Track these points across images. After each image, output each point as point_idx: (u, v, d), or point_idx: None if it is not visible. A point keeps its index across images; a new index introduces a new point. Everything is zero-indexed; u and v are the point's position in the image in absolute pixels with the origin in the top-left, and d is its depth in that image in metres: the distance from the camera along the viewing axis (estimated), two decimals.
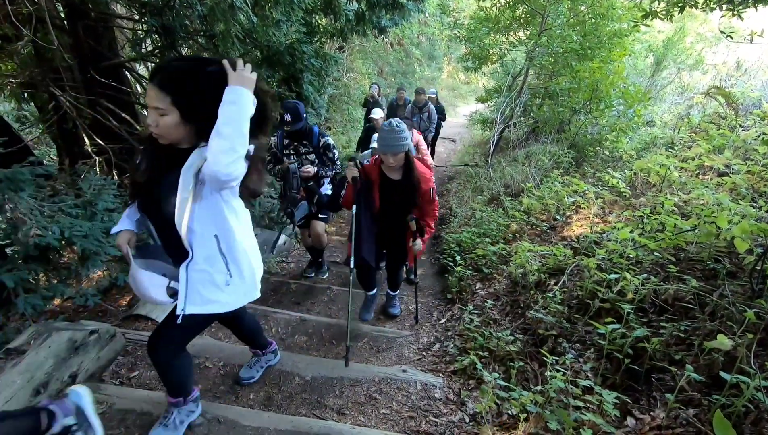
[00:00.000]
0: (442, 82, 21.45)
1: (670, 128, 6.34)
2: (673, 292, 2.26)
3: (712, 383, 1.75)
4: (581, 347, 2.33)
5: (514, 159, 7.01)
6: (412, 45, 15.40)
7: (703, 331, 1.96)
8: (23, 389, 1.82)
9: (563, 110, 7.04)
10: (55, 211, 2.79)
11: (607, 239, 3.15)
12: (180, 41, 4.39)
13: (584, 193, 4.27)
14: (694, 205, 3.09)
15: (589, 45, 7.15)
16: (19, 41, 4.46)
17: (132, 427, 1.90)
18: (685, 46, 10.09)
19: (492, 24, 8.68)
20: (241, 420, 1.97)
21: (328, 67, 5.11)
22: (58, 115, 4.59)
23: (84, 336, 2.15)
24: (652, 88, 8.61)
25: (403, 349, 2.98)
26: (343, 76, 11.73)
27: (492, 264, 3.79)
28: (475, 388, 2.41)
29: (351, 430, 1.98)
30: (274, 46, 4.24)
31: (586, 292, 2.64)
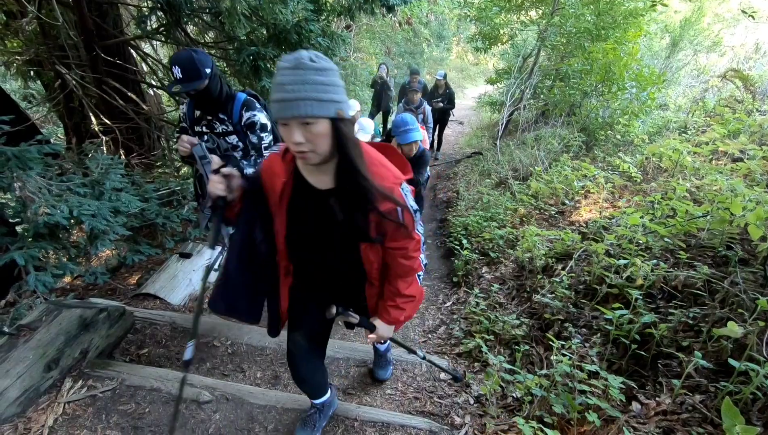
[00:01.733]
0: (450, 63, 21.05)
1: (684, 112, 6.20)
2: (683, 278, 2.24)
3: (719, 370, 1.75)
4: (587, 332, 2.33)
5: (523, 142, 6.92)
6: (421, 24, 15.07)
7: (713, 318, 1.94)
8: (35, 365, 1.85)
9: (574, 93, 6.89)
10: (63, 190, 2.80)
11: (617, 224, 3.12)
12: (185, 18, 4.32)
13: (594, 178, 4.22)
14: (707, 191, 3.03)
15: (603, 25, 6.93)
16: (24, 18, 4.42)
17: (142, 403, 1.93)
18: (703, 27, 9.77)
19: (503, 3, 8.44)
20: (248, 398, 2.00)
21: (335, 46, 5.00)
22: (64, 94, 4.58)
23: (94, 314, 2.18)
24: (667, 70, 8.38)
25: (409, 331, 3.00)
26: (351, 56, 11.55)
27: (499, 248, 3.78)
28: (480, 370, 2.43)
29: (357, 409, 2.01)
30: (281, 24, 4.15)
31: (593, 278, 2.62)
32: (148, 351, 2.38)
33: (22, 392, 1.80)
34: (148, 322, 2.56)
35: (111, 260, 3.95)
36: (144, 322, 2.56)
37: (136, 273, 3.65)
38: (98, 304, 2.29)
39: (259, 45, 4.22)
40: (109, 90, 4.45)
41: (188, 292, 3.03)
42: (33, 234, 2.50)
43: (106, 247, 2.98)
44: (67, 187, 2.85)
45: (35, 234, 2.50)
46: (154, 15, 4.71)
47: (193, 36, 5.58)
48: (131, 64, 4.93)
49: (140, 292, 2.94)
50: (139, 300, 2.90)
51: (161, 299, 2.88)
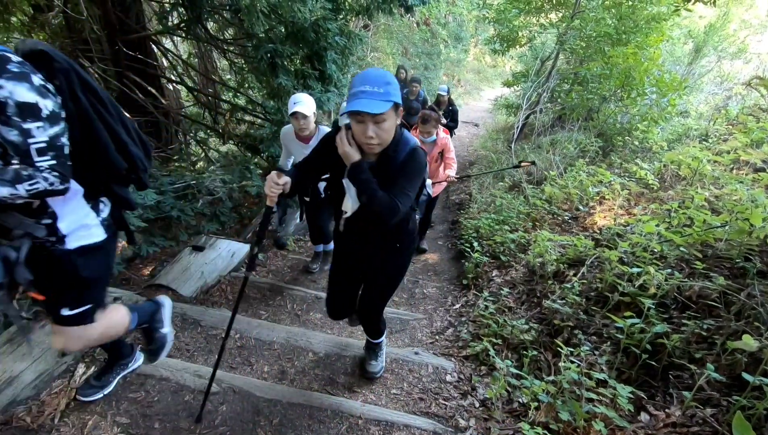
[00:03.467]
0: (467, 64, 20.96)
1: (706, 120, 6.06)
2: (698, 289, 2.19)
3: (732, 384, 1.71)
4: (597, 340, 2.30)
5: (538, 146, 6.85)
6: (439, 25, 15.02)
7: (728, 330, 1.90)
8: (51, 350, 1.90)
9: (593, 97, 6.80)
10: None
11: (631, 232, 3.07)
12: (206, 15, 4.38)
13: (610, 184, 4.15)
14: (726, 201, 2.96)
15: (625, 29, 6.82)
16: (50, 12, 4.54)
17: (152, 392, 1.97)
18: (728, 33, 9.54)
19: (523, 5, 8.37)
20: (255, 391, 2.02)
21: (352, 45, 5.02)
22: None
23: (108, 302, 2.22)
24: (689, 76, 8.21)
25: (417, 331, 2.99)
26: (368, 56, 11.56)
27: (510, 252, 3.75)
28: (486, 374, 2.41)
29: (361, 407, 2.02)
30: (299, 22, 4.19)
31: (605, 285, 2.58)
32: None
33: (36, 376, 1.85)
34: None
35: (126, 251, 4.03)
36: None
37: (150, 264, 3.71)
38: (113, 292, 2.33)
39: (277, 42, 4.26)
40: (130, 84, 4.54)
41: (200, 285, 3.08)
42: None
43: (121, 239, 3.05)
44: None
45: None
46: (176, 11, 4.80)
47: (212, 32, 5.66)
48: (152, 59, 5.02)
49: (153, 283, 2.99)
50: (152, 291, 2.95)
51: (173, 291, 2.93)
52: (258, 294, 3.19)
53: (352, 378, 2.32)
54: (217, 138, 6.24)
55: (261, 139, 4.95)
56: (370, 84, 1.41)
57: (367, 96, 1.40)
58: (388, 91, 1.42)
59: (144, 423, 1.83)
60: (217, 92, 6.46)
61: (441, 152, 3.81)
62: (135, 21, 4.71)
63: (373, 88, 1.40)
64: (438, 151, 3.78)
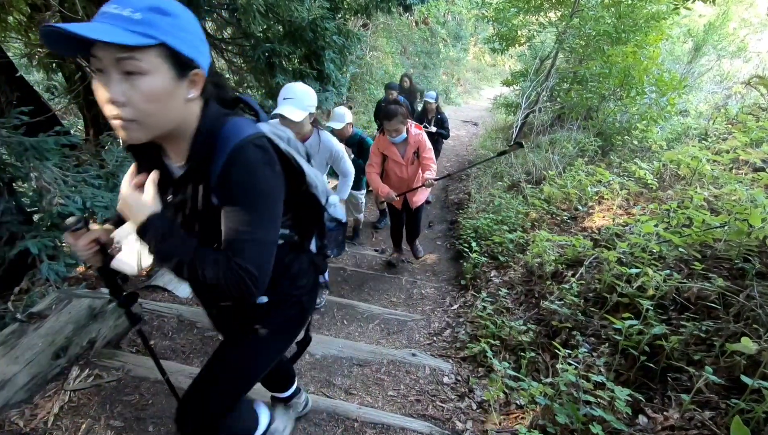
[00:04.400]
0: (467, 63, 20.93)
1: (705, 119, 6.05)
2: (696, 290, 2.18)
3: (731, 387, 1.69)
4: (596, 341, 2.28)
5: (538, 145, 6.83)
6: (438, 24, 14.98)
7: (726, 332, 1.88)
8: (44, 352, 1.89)
9: (592, 96, 6.78)
10: (79, 181, 2.85)
11: (630, 232, 3.05)
12: (204, 14, 4.36)
13: (609, 184, 4.14)
14: (726, 201, 2.95)
15: (624, 28, 6.80)
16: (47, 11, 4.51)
17: (146, 394, 1.96)
18: (728, 32, 9.52)
19: (522, 3, 8.34)
20: (250, 393, 2.00)
21: (351, 44, 5.01)
22: (83, 86, 4.66)
23: (103, 304, 2.21)
24: (689, 75, 8.19)
25: (414, 332, 2.98)
26: (367, 55, 11.53)
27: (508, 252, 3.73)
28: (484, 375, 2.40)
29: (357, 410, 2.00)
30: (297, 21, 4.17)
31: (604, 286, 2.57)
32: (154, 343, 2.41)
33: (30, 379, 1.83)
34: (156, 314, 2.60)
35: None
36: (152, 314, 2.59)
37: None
38: (107, 294, 2.32)
39: (274, 42, 4.24)
40: None
41: None
42: (47, 224, 2.55)
43: None
44: (83, 178, 2.91)
45: (50, 224, 2.55)
46: None
47: (210, 32, 5.64)
48: None
49: (149, 284, 2.97)
50: (148, 291, 2.93)
51: (169, 292, 2.91)
52: None
53: (349, 380, 2.31)
54: None
55: None
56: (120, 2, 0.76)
57: (106, 19, 0.75)
58: (150, 19, 0.76)
59: (138, 426, 1.81)
60: None
61: (416, 152, 3.33)
62: None
63: (123, 8, 0.76)
64: (413, 151, 3.31)
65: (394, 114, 3.06)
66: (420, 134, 3.27)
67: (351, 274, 3.85)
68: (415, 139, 3.26)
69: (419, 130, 3.29)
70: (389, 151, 3.33)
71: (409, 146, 3.30)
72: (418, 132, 3.27)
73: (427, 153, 3.29)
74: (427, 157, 3.30)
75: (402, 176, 3.43)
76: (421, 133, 3.29)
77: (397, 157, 3.34)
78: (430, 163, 3.30)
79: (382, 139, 3.31)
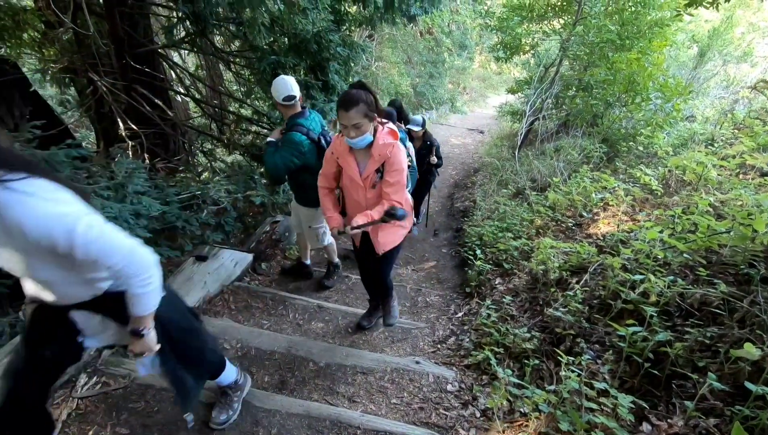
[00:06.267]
0: (473, 72, 21.03)
1: (712, 124, 6.01)
2: (700, 296, 2.16)
3: (736, 393, 1.67)
4: (600, 348, 2.27)
5: (543, 152, 6.83)
6: (443, 33, 15.12)
7: (731, 338, 1.87)
8: None
9: (597, 103, 6.78)
10: (88, 192, 2.91)
11: (635, 238, 3.04)
12: (211, 28, 4.47)
13: (614, 190, 4.13)
14: (731, 206, 2.93)
15: (628, 35, 6.82)
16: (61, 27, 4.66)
17: (152, 402, 1.98)
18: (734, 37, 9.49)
19: (525, 12, 8.41)
20: (253, 401, 2.03)
21: (355, 55, 5.08)
22: (95, 99, 4.78)
23: None
24: (694, 81, 8.16)
25: (418, 340, 2.98)
26: (372, 65, 11.67)
27: (513, 259, 3.73)
28: (488, 383, 2.39)
29: (360, 417, 2.01)
30: (301, 34, 4.25)
31: (608, 292, 2.56)
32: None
33: None
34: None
35: None
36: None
37: None
38: None
39: (280, 54, 4.32)
40: (138, 97, 4.63)
41: (202, 295, 3.10)
42: None
43: None
44: (93, 189, 2.97)
45: None
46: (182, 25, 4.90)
47: (219, 45, 5.77)
48: (159, 72, 5.12)
49: None
50: None
51: None
52: (260, 303, 3.21)
53: (353, 388, 2.32)
54: (223, 148, 6.32)
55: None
56: None
57: None
58: None
59: (143, 433, 1.84)
60: (224, 103, 6.56)
61: (381, 169, 2.15)
62: (143, 35, 4.81)
63: None
64: (375, 168, 2.14)
65: (353, 101, 1.96)
66: (392, 145, 2.10)
67: (356, 283, 3.86)
68: (381, 150, 2.09)
69: (392, 140, 2.11)
70: (345, 161, 2.21)
71: (371, 160, 2.13)
72: (390, 141, 2.10)
73: (393, 175, 2.13)
74: (392, 183, 2.14)
75: (359, 201, 2.27)
76: (394, 144, 2.11)
77: (354, 171, 2.19)
78: (393, 191, 2.15)
79: (339, 142, 2.20)
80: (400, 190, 2.18)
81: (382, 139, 2.11)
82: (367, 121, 2.02)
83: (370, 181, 2.19)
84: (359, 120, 1.98)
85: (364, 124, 2.01)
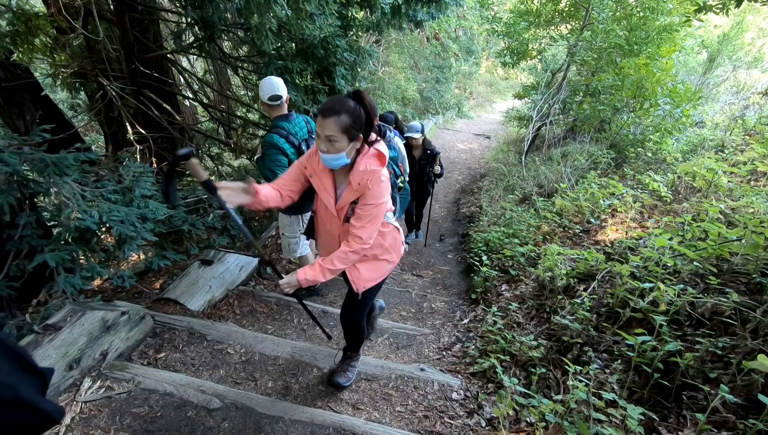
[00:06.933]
0: (479, 77, 21.03)
1: (722, 130, 5.94)
2: (711, 305, 2.12)
3: (749, 406, 1.63)
4: (608, 358, 2.23)
5: (550, 158, 6.79)
6: (449, 39, 15.13)
7: (743, 349, 1.83)
8: (58, 363, 1.93)
9: (604, 108, 6.73)
10: (96, 196, 2.93)
11: (644, 246, 3.00)
12: (219, 34, 4.50)
13: (622, 196, 4.08)
14: (743, 214, 2.88)
15: (636, 40, 6.78)
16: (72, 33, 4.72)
17: (155, 407, 1.98)
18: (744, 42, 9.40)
19: (533, 18, 8.40)
20: (257, 407, 2.01)
21: (362, 60, 5.10)
22: (104, 104, 4.84)
23: (115, 316, 2.26)
24: (704, 86, 8.08)
25: (423, 347, 2.95)
26: (379, 70, 11.70)
27: (519, 265, 3.69)
28: (493, 392, 2.36)
29: (364, 425, 1.99)
30: (308, 39, 4.27)
31: (616, 300, 2.52)
32: (165, 355, 2.44)
33: None
34: (167, 327, 2.63)
35: (138, 264, 4.09)
36: (163, 327, 2.63)
37: (162, 277, 3.77)
38: (120, 306, 2.36)
39: (287, 59, 4.34)
40: (146, 101, 4.68)
41: (207, 299, 3.10)
42: (65, 237, 2.63)
43: (133, 252, 3.10)
44: (100, 193, 2.99)
45: (67, 237, 2.63)
46: (191, 30, 4.95)
47: (227, 50, 5.81)
48: (168, 77, 5.17)
49: (161, 297, 3.02)
50: (160, 304, 2.98)
51: (181, 305, 2.95)
52: (265, 308, 3.20)
53: (357, 395, 2.30)
54: (230, 152, 6.35)
55: None
56: None
57: None
58: None
59: None
60: (231, 108, 6.61)
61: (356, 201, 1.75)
62: (152, 41, 4.87)
63: None
64: (352, 199, 1.75)
65: (334, 109, 1.57)
66: (374, 173, 1.67)
67: None
68: (362, 178, 1.68)
69: (376, 166, 1.68)
70: (320, 182, 1.81)
71: (348, 187, 1.73)
72: (373, 168, 1.68)
73: (367, 210, 1.72)
74: (363, 217, 1.73)
75: (332, 233, 1.91)
76: (376, 171, 1.68)
77: (329, 198, 1.80)
78: (360, 227, 1.74)
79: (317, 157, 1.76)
80: (370, 226, 1.76)
81: (364, 164, 1.67)
82: (346, 139, 1.60)
83: (344, 211, 1.79)
84: (334, 133, 1.58)
85: (339, 141, 1.60)
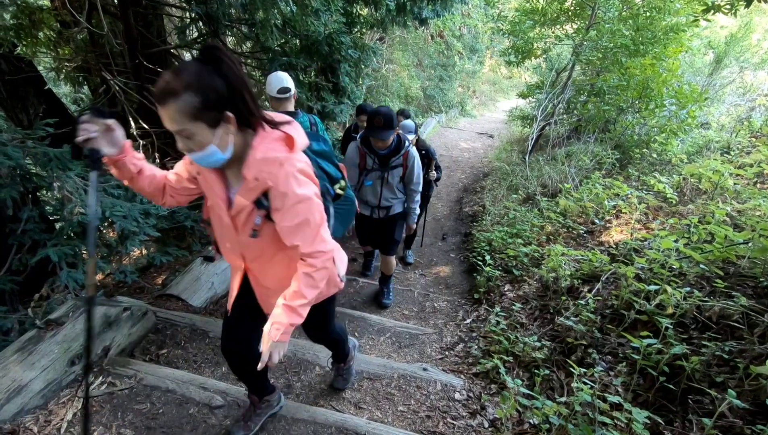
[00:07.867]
0: (483, 75, 20.94)
1: (728, 132, 5.91)
2: (718, 309, 2.10)
3: (757, 411, 1.62)
4: (612, 360, 2.22)
5: (554, 158, 6.77)
6: (454, 37, 15.06)
7: (751, 353, 1.81)
8: (59, 359, 1.93)
9: (609, 108, 6.70)
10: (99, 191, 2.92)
11: (649, 247, 2.98)
12: (223, 29, 4.48)
13: (627, 197, 4.06)
14: (749, 216, 2.86)
15: (642, 40, 6.73)
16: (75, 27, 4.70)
17: (157, 403, 1.97)
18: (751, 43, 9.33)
19: (538, 16, 8.34)
20: None
21: (366, 58, 5.07)
22: (107, 98, 4.82)
23: (118, 312, 2.25)
24: (710, 87, 8.04)
25: (426, 346, 2.94)
26: (383, 68, 11.65)
27: (523, 266, 3.68)
28: (496, 392, 2.35)
29: (366, 425, 1.98)
30: (313, 35, 4.25)
31: (621, 302, 2.50)
32: (167, 352, 2.43)
33: (45, 385, 1.87)
34: (170, 323, 2.62)
35: (141, 260, 4.09)
36: (165, 323, 2.62)
37: (164, 273, 3.76)
38: (122, 302, 2.36)
39: (291, 55, 4.32)
40: (150, 96, 4.65)
41: (210, 295, 3.09)
42: (68, 232, 2.62)
43: (135, 247, 3.09)
44: (104, 188, 2.98)
45: (70, 232, 2.62)
46: (195, 26, 4.92)
47: (231, 46, 5.78)
48: None
49: (164, 293, 3.01)
50: (163, 300, 2.97)
51: (183, 301, 2.95)
52: None
53: (359, 394, 2.29)
54: None
55: None
56: None
57: None
58: None
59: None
60: None
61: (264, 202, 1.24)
62: (156, 35, 4.85)
63: None
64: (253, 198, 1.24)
65: (170, 90, 1.03)
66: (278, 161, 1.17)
67: (363, 286, 3.84)
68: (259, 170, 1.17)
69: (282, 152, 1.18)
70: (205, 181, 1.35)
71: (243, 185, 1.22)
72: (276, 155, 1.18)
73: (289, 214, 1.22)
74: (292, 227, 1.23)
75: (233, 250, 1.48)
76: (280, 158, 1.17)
77: (219, 203, 1.32)
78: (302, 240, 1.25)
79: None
80: (306, 232, 1.24)
81: (263, 150, 1.17)
82: (203, 127, 1.08)
83: (245, 221, 1.28)
84: (182, 124, 1.06)
85: (196, 133, 1.08)
